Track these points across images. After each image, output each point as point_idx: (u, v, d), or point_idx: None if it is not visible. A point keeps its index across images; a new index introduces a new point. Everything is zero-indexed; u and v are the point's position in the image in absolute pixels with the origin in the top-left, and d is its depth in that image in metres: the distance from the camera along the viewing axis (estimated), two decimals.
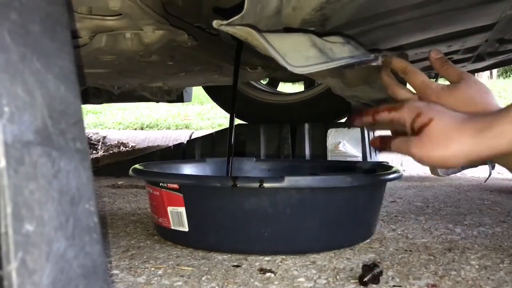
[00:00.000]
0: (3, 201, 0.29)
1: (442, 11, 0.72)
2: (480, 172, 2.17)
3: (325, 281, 0.68)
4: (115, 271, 0.72)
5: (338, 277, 0.70)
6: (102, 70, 1.07)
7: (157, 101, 1.91)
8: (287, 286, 0.66)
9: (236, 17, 0.56)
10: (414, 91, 0.75)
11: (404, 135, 0.62)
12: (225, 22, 0.56)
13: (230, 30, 0.58)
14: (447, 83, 0.76)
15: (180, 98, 1.92)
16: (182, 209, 0.82)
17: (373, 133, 1.86)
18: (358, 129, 1.78)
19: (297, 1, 0.64)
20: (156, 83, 1.46)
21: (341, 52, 0.74)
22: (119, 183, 1.72)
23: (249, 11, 0.56)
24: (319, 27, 0.74)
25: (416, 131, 0.58)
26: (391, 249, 0.84)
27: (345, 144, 1.77)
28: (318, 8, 0.64)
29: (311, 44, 0.71)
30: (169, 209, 0.84)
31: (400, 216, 1.13)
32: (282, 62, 0.62)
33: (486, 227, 1.01)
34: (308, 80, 2.21)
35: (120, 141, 2.91)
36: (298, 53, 0.67)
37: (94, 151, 2.75)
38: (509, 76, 6.41)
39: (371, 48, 0.91)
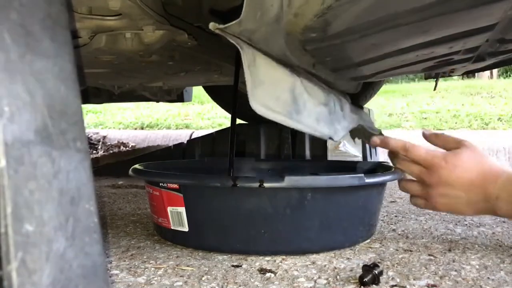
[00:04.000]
0: (3, 201, 0.29)
1: (443, 13, 0.72)
2: None
3: (325, 281, 0.68)
4: (115, 271, 0.72)
5: (338, 277, 0.70)
6: (102, 70, 1.07)
7: (157, 101, 1.90)
8: (287, 286, 0.66)
9: (233, 22, 0.55)
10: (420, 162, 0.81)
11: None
12: (221, 26, 0.56)
13: (226, 36, 0.58)
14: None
15: (180, 98, 1.92)
16: (182, 209, 0.82)
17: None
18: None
19: (298, 7, 0.64)
20: (156, 83, 1.46)
21: (310, 113, 0.72)
22: (119, 183, 1.72)
23: (247, 17, 0.56)
24: (320, 33, 0.73)
25: None
26: (391, 249, 0.84)
27: (345, 144, 1.76)
28: (319, 14, 0.64)
29: (290, 87, 0.69)
30: (169, 209, 0.84)
31: (400, 216, 1.13)
32: (248, 91, 0.60)
33: (487, 227, 1.00)
34: None
35: (120, 141, 2.91)
36: (272, 88, 0.65)
37: (94, 151, 2.75)
38: (510, 76, 6.40)
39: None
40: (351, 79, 1.31)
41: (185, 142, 2.07)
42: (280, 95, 0.66)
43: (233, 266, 0.75)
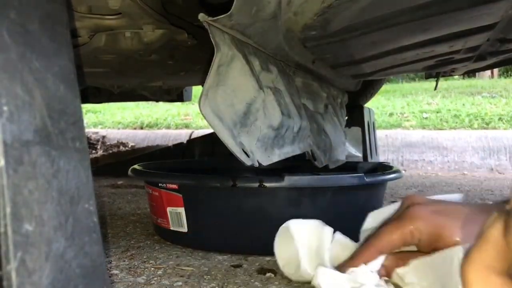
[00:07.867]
0: (2, 201, 0.29)
1: (444, 11, 0.72)
2: (481, 172, 2.17)
3: None
4: (114, 271, 0.72)
5: None
6: (102, 69, 1.07)
7: (157, 100, 1.90)
8: (287, 286, 0.66)
9: (223, 15, 0.55)
10: None
11: None
12: (211, 18, 0.55)
13: (211, 31, 0.57)
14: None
15: (180, 97, 1.92)
16: (182, 210, 0.81)
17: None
18: (359, 129, 1.78)
19: (298, 6, 0.64)
20: (155, 83, 1.46)
21: (254, 131, 0.69)
22: (119, 183, 1.72)
23: (240, 11, 0.55)
24: (320, 31, 0.73)
25: None
26: None
27: (346, 144, 1.76)
28: (320, 13, 0.64)
29: (250, 100, 0.67)
30: (169, 209, 0.83)
31: None
32: (204, 89, 0.57)
33: None
34: None
35: (120, 141, 2.91)
36: (232, 94, 0.62)
37: (94, 151, 2.75)
38: (510, 75, 6.41)
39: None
40: (351, 77, 1.31)
41: (185, 142, 2.07)
42: (235, 103, 0.63)
43: (233, 266, 0.75)
